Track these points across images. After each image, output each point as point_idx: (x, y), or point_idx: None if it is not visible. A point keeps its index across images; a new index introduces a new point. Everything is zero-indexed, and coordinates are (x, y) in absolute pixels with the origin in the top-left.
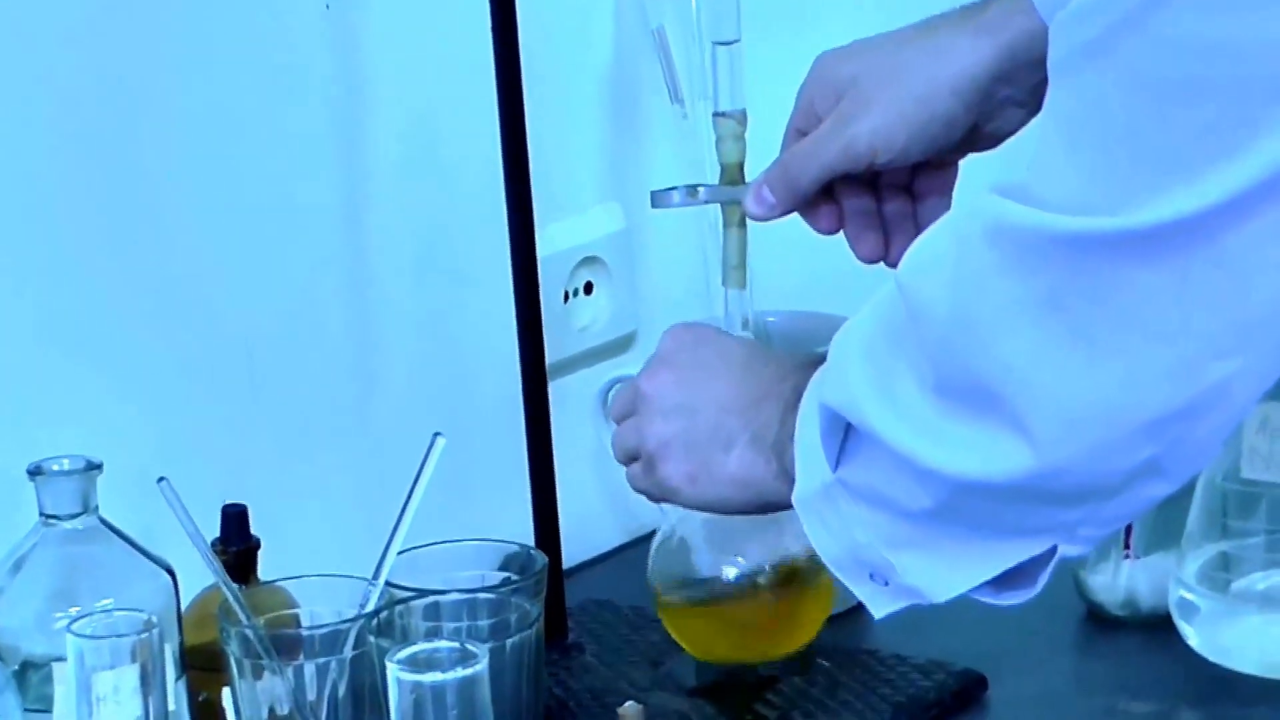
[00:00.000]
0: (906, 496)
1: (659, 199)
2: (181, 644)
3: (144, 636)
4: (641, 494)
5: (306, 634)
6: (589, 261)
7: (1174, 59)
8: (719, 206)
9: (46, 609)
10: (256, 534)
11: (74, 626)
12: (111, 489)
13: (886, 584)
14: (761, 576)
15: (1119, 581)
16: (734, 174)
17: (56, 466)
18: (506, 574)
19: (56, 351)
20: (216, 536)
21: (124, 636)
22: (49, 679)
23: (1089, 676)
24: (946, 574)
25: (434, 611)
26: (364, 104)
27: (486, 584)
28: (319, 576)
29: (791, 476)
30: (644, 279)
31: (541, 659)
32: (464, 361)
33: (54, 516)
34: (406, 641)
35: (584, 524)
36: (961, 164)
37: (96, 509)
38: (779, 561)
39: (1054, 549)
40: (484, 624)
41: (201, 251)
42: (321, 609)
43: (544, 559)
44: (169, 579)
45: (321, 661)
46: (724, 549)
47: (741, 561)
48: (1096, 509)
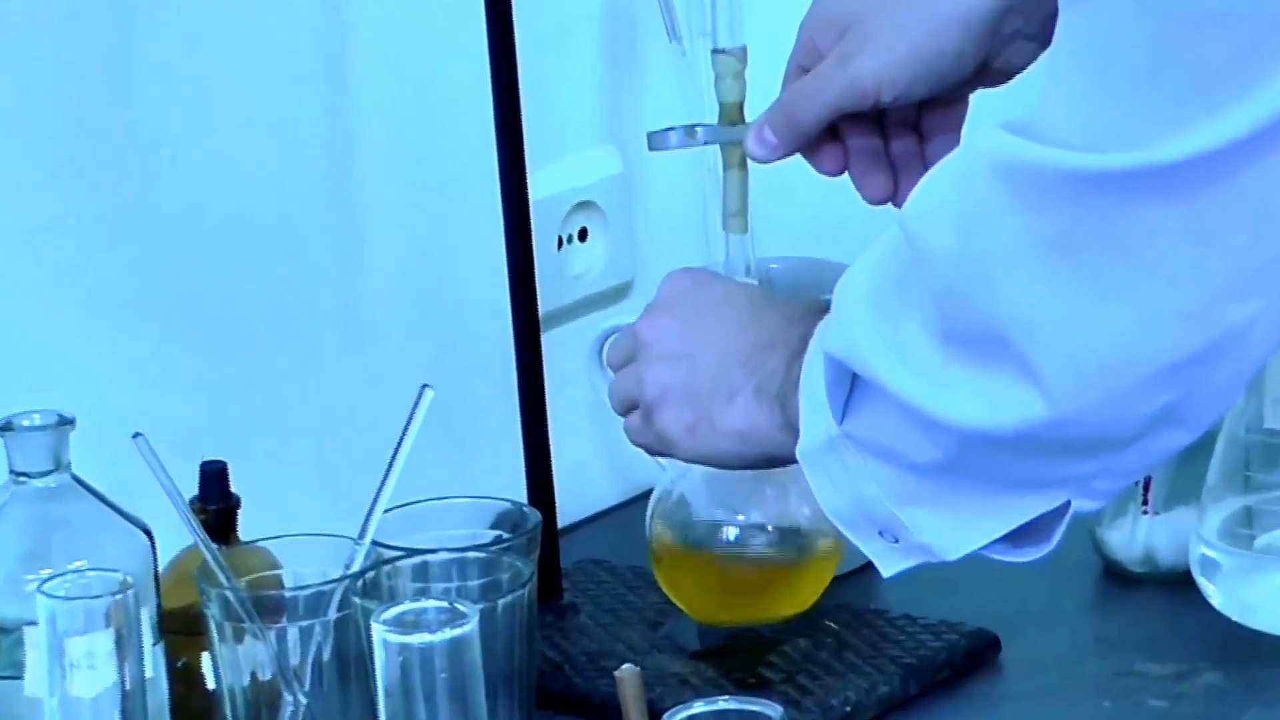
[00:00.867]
0: (915, 449)
1: (656, 140)
2: (159, 607)
3: (119, 599)
4: (639, 446)
5: (289, 596)
6: (583, 206)
7: None
8: (719, 148)
9: (17, 570)
10: (237, 492)
11: (45, 588)
12: (85, 445)
13: (895, 541)
14: (765, 534)
15: (1137, 538)
16: (734, 114)
17: (27, 422)
18: (498, 532)
19: (26, 302)
20: (195, 494)
21: (98, 598)
22: (20, 644)
23: (1106, 637)
24: (957, 530)
25: (422, 572)
26: (352, 42)
27: (477, 543)
28: (302, 536)
29: (796, 429)
30: (641, 224)
31: (535, 621)
32: (454, 311)
33: (24, 474)
34: (394, 603)
35: (579, 480)
36: (971, 100)
37: (69, 466)
38: (783, 519)
39: (1068, 503)
40: (475, 584)
41: (177, 197)
42: (305, 570)
43: (537, 516)
44: (145, 539)
45: (305, 624)
46: (725, 505)
47: (743, 519)
48: (1112, 460)
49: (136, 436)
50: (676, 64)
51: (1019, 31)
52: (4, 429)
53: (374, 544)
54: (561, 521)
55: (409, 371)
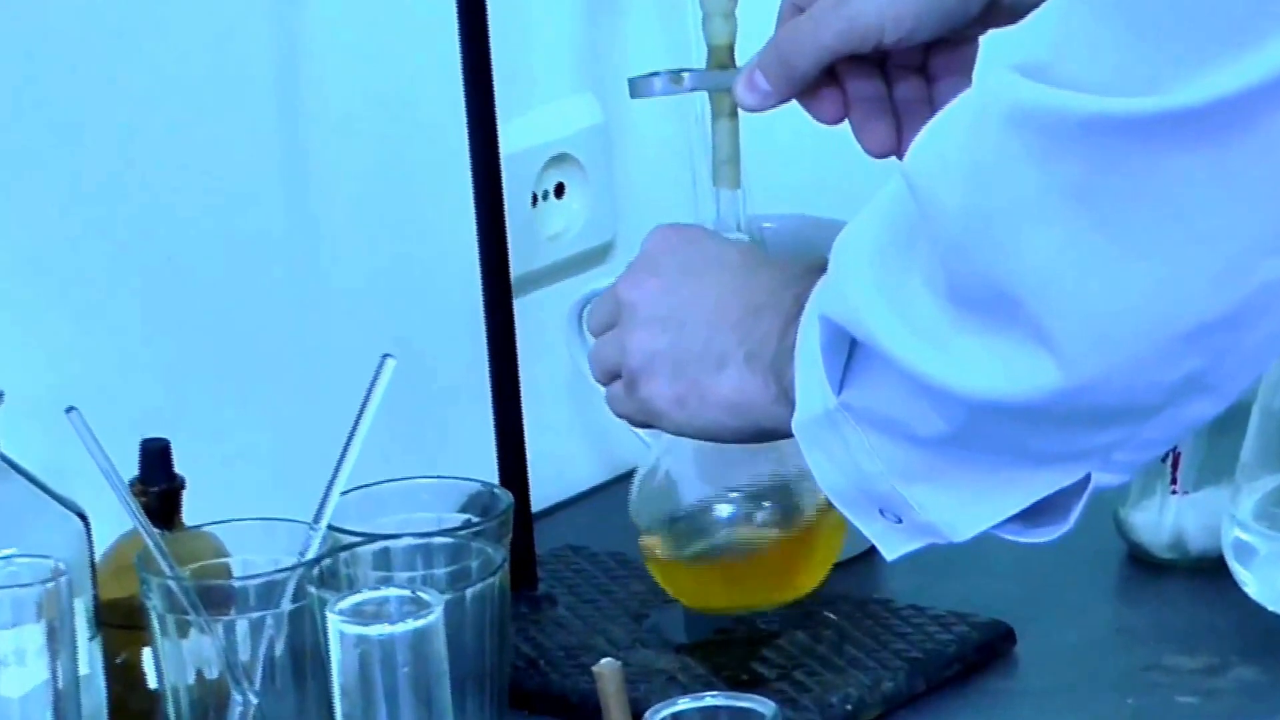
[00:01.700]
0: (919, 421)
1: (639, 87)
2: (95, 598)
3: (51, 588)
4: (622, 418)
5: (238, 586)
6: (560, 160)
7: None
8: (707, 95)
9: None
10: (180, 472)
11: None
12: (13, 421)
13: (899, 521)
14: (760, 515)
15: (1165, 520)
16: (723, 57)
17: None
18: (467, 516)
19: None
20: (135, 475)
21: (28, 587)
22: None
23: (1130, 628)
24: (966, 508)
25: (384, 559)
26: None
27: (444, 527)
28: (252, 520)
29: (791, 399)
30: (622, 179)
31: (507, 612)
32: (418, 274)
33: None
34: (352, 592)
35: (556, 459)
36: (980, 41)
37: None
38: (780, 497)
39: (1087, 478)
40: (441, 572)
41: (115, 147)
42: (255, 557)
43: (509, 498)
44: (80, 524)
45: (256, 617)
46: (717, 483)
47: (737, 497)
48: (1134, 431)
49: (70, 411)
50: (661, 3)
51: None
52: None
53: (331, 529)
54: (536, 504)
55: (369, 340)
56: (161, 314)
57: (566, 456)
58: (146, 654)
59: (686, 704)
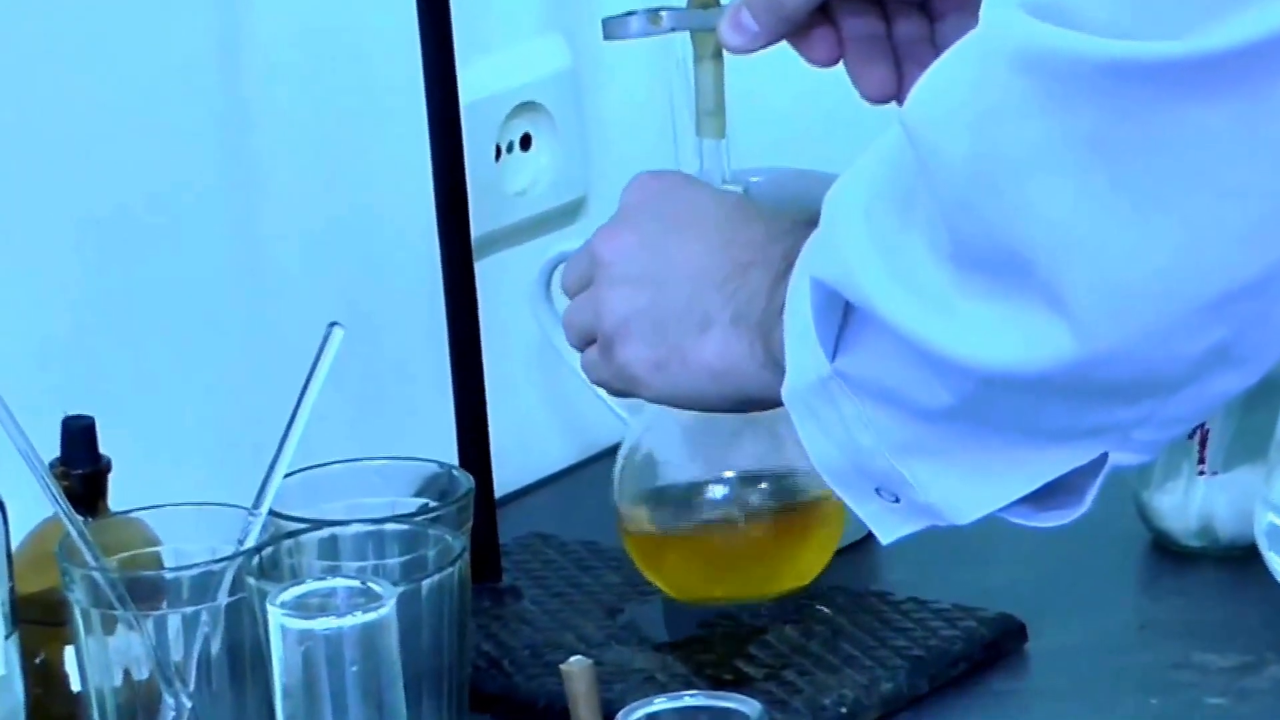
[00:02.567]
0: (920, 392)
1: (613, 28)
2: (11, 591)
3: None
4: (598, 385)
5: (170, 577)
6: (526, 108)
7: None
8: (688, 36)
9: None
10: (106, 453)
11: None
12: None
13: (896, 501)
14: (758, 492)
15: (1192, 503)
16: None
17: None
18: (423, 500)
19: None
20: (56, 456)
21: None
22: None
23: (1154, 623)
24: (972, 488)
25: (331, 547)
26: None
27: (398, 512)
28: (186, 505)
29: (780, 365)
30: (595, 130)
31: (467, 606)
32: (368, 235)
33: None
34: (296, 582)
35: (522, 439)
36: None
37: None
38: (776, 477)
39: (1105, 457)
40: (394, 562)
41: (31, 101)
42: (189, 546)
43: (470, 481)
44: None
45: (189, 611)
46: (706, 462)
47: (731, 474)
48: (1156, 406)
49: None
50: None
51: None
52: None
53: (272, 514)
54: (500, 488)
55: (315, 308)
56: (85, 280)
57: (533, 435)
58: (68, 653)
59: (663, 704)
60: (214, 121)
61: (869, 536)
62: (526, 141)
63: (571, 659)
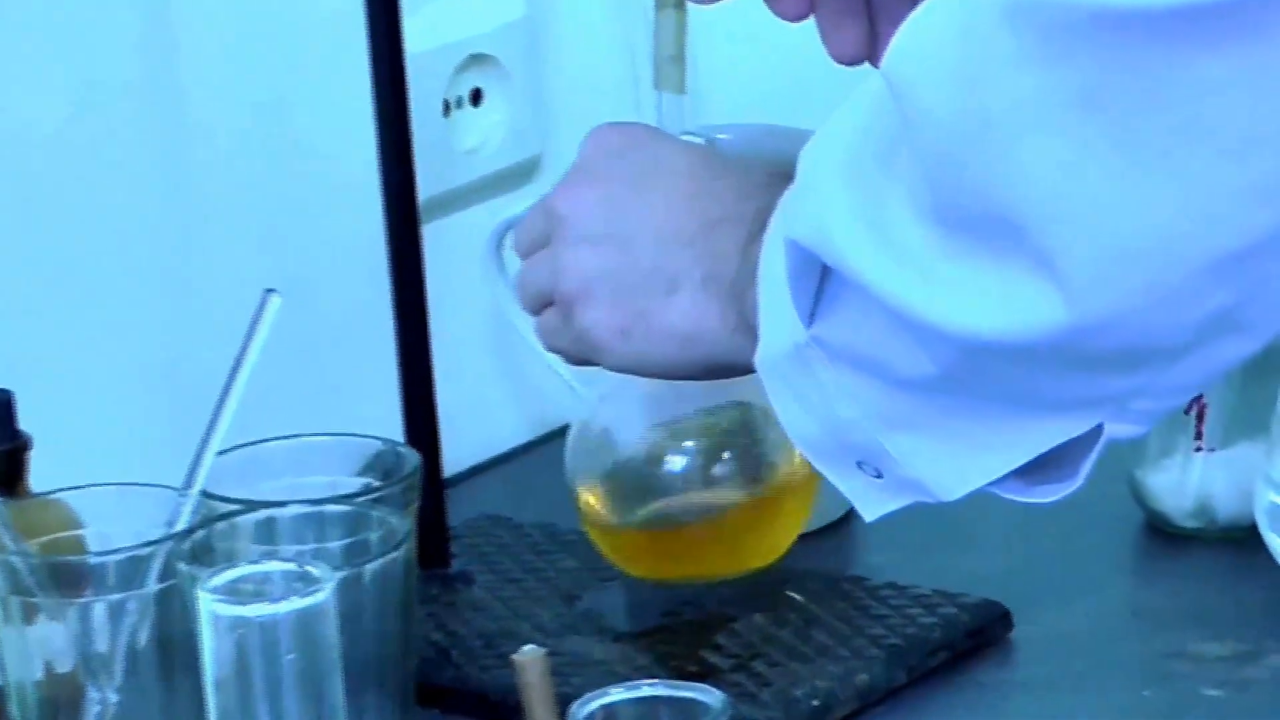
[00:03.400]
0: (903, 360)
1: None
2: None
3: None
4: (556, 352)
5: (95, 563)
6: (477, 61)
7: None
8: None
9: None
10: (25, 429)
11: None
12: None
13: (878, 476)
14: (721, 464)
15: (1189, 482)
16: None
17: None
18: (366, 480)
19: None
20: None
21: None
22: None
23: (1148, 609)
24: (958, 462)
25: (268, 530)
26: None
27: (339, 492)
28: (112, 485)
29: (754, 330)
30: (551, 84)
31: (414, 593)
32: (309, 196)
33: None
34: (230, 566)
35: (473, 414)
36: None
37: None
38: (743, 450)
39: (1100, 428)
40: (335, 546)
41: None
42: (115, 529)
43: (416, 459)
44: None
45: (116, 599)
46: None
47: (691, 448)
48: (1155, 376)
49: None
50: None
51: None
52: None
53: (205, 495)
54: (449, 467)
55: (250, 274)
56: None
57: (485, 411)
58: None
59: (620, 695)
60: (139, 71)
61: (844, 518)
62: (477, 96)
63: (524, 649)
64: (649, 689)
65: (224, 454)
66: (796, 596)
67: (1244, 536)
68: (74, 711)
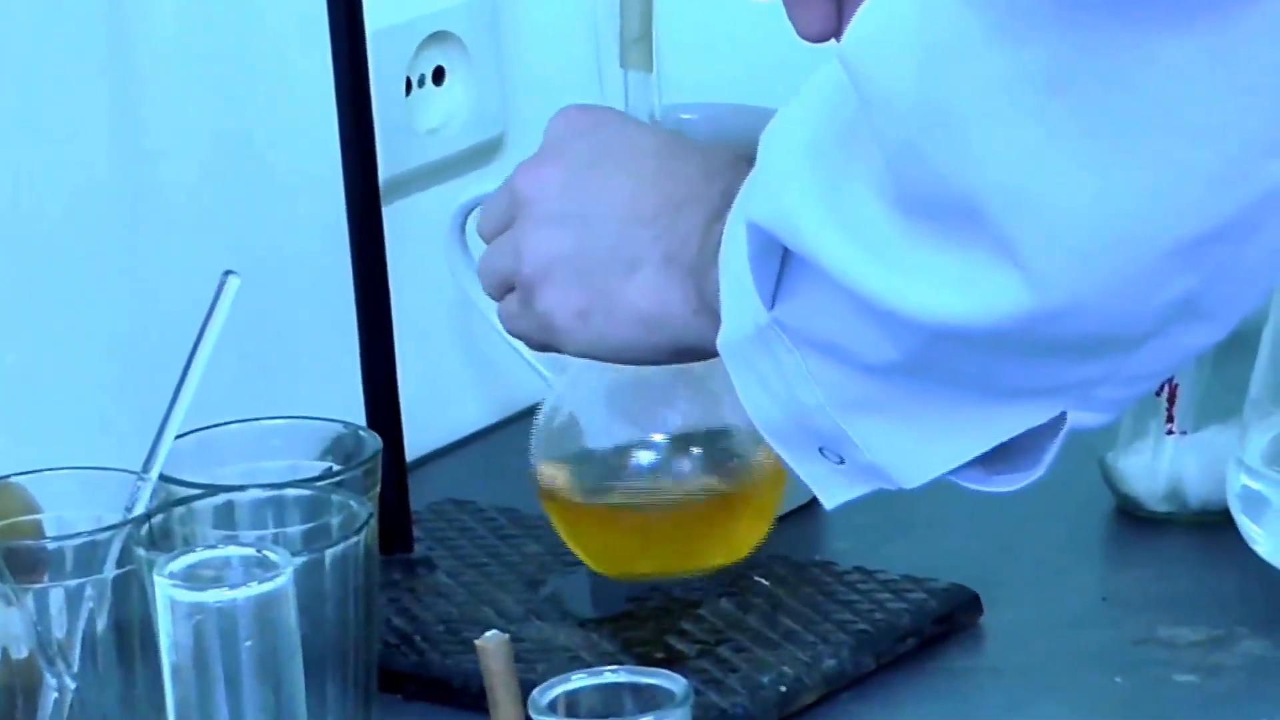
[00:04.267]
0: (865, 346)
1: None
2: None
3: None
4: (517, 336)
5: (52, 548)
6: (438, 39)
7: None
8: None
9: None
10: None
11: None
12: None
13: (841, 462)
14: (689, 457)
15: (1160, 466)
16: None
17: None
18: (327, 464)
19: None
20: None
21: None
22: None
23: (1119, 594)
24: (920, 448)
25: (227, 515)
26: None
27: (299, 476)
28: (68, 470)
29: (716, 313)
30: (514, 62)
31: (375, 578)
32: (268, 176)
33: None
34: (188, 551)
35: (435, 397)
36: None
37: None
38: (710, 440)
39: (1063, 417)
40: (295, 530)
41: None
42: (72, 513)
43: (378, 443)
44: None
45: (73, 585)
46: (634, 423)
47: (660, 438)
48: (1119, 362)
49: None
50: None
51: None
52: None
53: (163, 479)
54: (412, 451)
55: (208, 255)
56: None
57: (447, 394)
58: None
59: (583, 681)
60: (94, 44)
61: (812, 503)
62: (439, 75)
63: (487, 634)
64: (612, 675)
65: (182, 437)
66: (763, 582)
67: (1216, 520)
68: (31, 698)
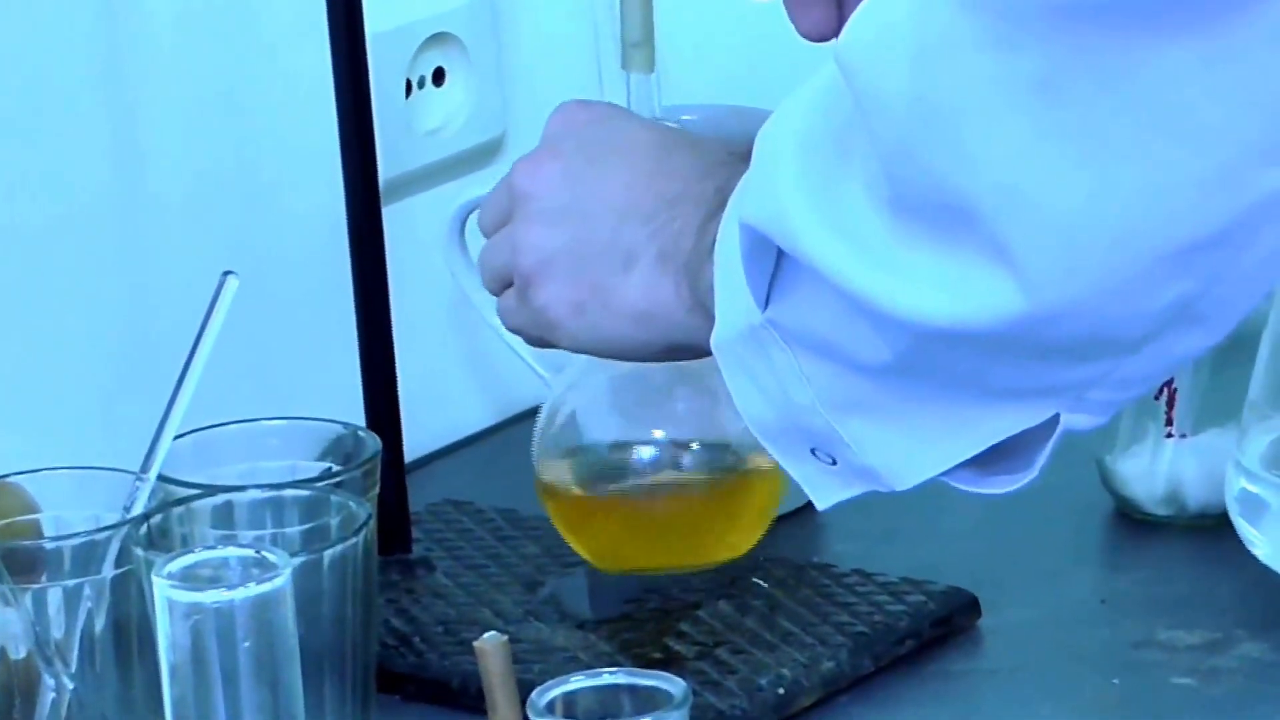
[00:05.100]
0: (857, 346)
1: None
2: None
3: None
4: (514, 331)
5: (50, 547)
6: (438, 40)
7: None
8: None
9: None
10: None
11: None
12: None
13: (833, 463)
14: (691, 454)
15: (1159, 469)
16: None
17: None
18: (326, 464)
19: None
20: None
21: None
22: None
23: (1117, 597)
24: (912, 450)
25: (226, 515)
26: None
27: (298, 477)
28: (67, 469)
29: (710, 310)
30: (514, 63)
31: (374, 579)
32: (268, 177)
33: None
34: (186, 551)
35: (435, 398)
36: None
37: None
38: (710, 439)
39: (1057, 419)
40: (294, 531)
41: None
42: (71, 513)
43: (377, 444)
44: None
45: (71, 585)
46: (634, 422)
47: (659, 438)
48: (1113, 365)
49: None
50: None
51: None
52: None
53: (162, 479)
54: (410, 452)
55: (208, 255)
56: None
57: (447, 394)
58: None
59: (581, 682)
60: (94, 46)
61: (810, 506)
62: (439, 76)
63: (485, 635)
64: (610, 677)
65: (181, 437)
66: (762, 584)
67: (1214, 524)
68: (29, 698)
